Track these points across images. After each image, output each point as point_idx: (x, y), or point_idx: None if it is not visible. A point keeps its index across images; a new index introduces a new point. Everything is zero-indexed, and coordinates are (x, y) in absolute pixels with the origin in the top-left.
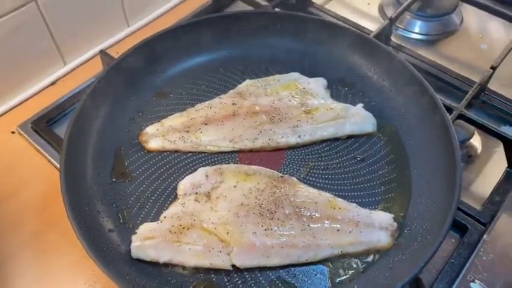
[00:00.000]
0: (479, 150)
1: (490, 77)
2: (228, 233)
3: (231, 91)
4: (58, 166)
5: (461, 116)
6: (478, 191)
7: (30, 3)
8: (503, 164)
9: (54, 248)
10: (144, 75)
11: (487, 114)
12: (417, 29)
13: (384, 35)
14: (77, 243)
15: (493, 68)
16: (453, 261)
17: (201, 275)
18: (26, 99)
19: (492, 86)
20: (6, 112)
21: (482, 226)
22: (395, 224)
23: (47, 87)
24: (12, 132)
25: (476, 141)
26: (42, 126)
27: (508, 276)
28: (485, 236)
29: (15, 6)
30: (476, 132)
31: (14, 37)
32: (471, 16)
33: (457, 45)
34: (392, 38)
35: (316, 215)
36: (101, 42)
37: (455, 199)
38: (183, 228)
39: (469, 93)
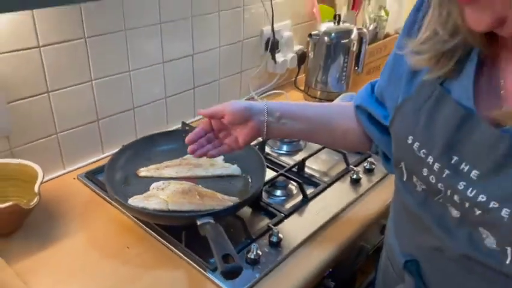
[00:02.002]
0: (294, 191)
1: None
2: (167, 198)
3: (180, 158)
4: (98, 192)
5: (282, 174)
6: (288, 206)
7: (94, 123)
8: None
9: (91, 219)
10: (140, 151)
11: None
12: (284, 148)
13: (260, 148)
14: (103, 219)
15: (303, 160)
16: (268, 225)
17: (155, 212)
18: (83, 166)
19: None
20: (71, 171)
21: (283, 215)
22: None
23: (93, 162)
24: (74, 178)
25: (293, 186)
26: (90, 175)
27: (292, 239)
28: (284, 221)
29: (88, 121)
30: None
31: (79, 137)
32: None
33: (302, 154)
34: (271, 152)
35: (207, 195)
36: (125, 142)
37: (262, 182)
38: (150, 196)
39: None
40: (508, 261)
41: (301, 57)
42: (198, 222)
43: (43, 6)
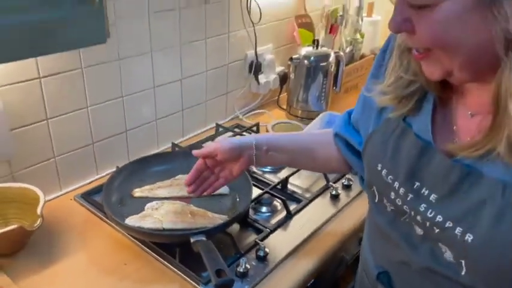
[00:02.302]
0: (279, 207)
1: (287, 179)
2: (162, 217)
3: (172, 178)
4: (95, 212)
5: (267, 192)
6: (274, 222)
7: (89, 146)
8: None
9: (89, 238)
10: (134, 172)
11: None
12: (268, 166)
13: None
14: (101, 238)
15: (287, 178)
16: (255, 241)
17: (151, 231)
18: (78, 187)
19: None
20: (69, 192)
21: (268, 230)
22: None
23: (88, 183)
24: (71, 199)
25: (277, 202)
26: (86, 196)
27: (278, 252)
28: (270, 236)
29: (84, 145)
30: (276, 199)
31: (75, 159)
32: None
33: (286, 171)
34: (256, 170)
35: (198, 214)
36: (119, 163)
37: (249, 200)
38: (145, 216)
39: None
40: (463, 273)
41: (283, 78)
42: (191, 240)
43: (47, 53)
